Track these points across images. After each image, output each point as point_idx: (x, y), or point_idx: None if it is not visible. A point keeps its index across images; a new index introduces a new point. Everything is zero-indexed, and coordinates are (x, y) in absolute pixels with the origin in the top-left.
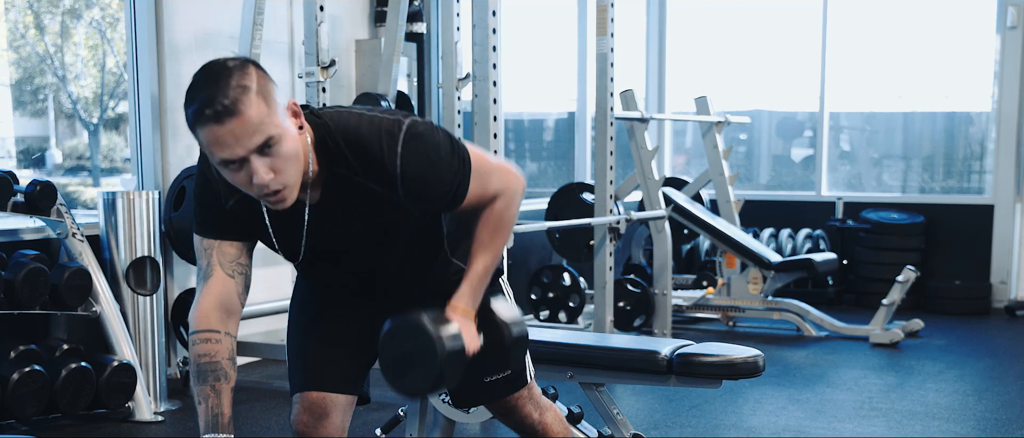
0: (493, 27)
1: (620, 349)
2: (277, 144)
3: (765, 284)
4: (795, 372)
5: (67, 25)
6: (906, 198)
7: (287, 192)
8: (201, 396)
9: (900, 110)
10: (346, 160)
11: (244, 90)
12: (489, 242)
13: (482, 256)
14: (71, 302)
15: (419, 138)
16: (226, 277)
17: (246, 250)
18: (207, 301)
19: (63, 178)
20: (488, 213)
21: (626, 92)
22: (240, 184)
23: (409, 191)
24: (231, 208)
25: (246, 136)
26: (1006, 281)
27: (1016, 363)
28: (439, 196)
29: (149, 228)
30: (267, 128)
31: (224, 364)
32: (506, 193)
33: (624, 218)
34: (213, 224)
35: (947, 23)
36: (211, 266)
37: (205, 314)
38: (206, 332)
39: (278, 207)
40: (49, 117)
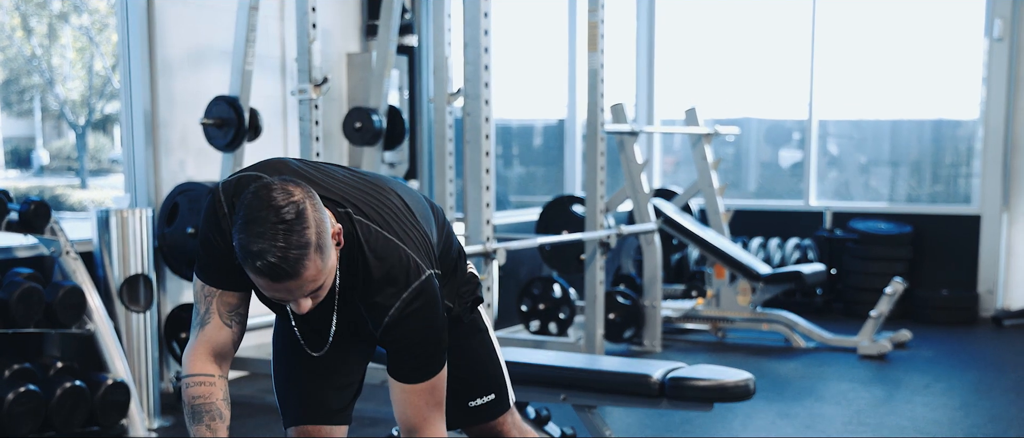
0: (485, 46)
1: (612, 372)
2: (323, 288)
3: (754, 295)
4: (784, 386)
5: (55, 28)
6: (894, 208)
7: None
8: (197, 435)
9: (888, 118)
10: (365, 276)
11: (304, 250)
12: None
13: None
14: (65, 320)
15: (427, 297)
16: (223, 325)
17: (246, 299)
18: (202, 348)
19: (50, 180)
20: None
21: (616, 105)
22: (276, 298)
23: (383, 329)
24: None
25: (298, 289)
26: (993, 291)
27: (1003, 376)
28: (410, 354)
29: (142, 245)
30: (318, 280)
31: (219, 404)
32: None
33: (614, 232)
34: (218, 273)
35: (935, 32)
36: (210, 314)
37: (199, 359)
38: (200, 376)
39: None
40: (36, 118)
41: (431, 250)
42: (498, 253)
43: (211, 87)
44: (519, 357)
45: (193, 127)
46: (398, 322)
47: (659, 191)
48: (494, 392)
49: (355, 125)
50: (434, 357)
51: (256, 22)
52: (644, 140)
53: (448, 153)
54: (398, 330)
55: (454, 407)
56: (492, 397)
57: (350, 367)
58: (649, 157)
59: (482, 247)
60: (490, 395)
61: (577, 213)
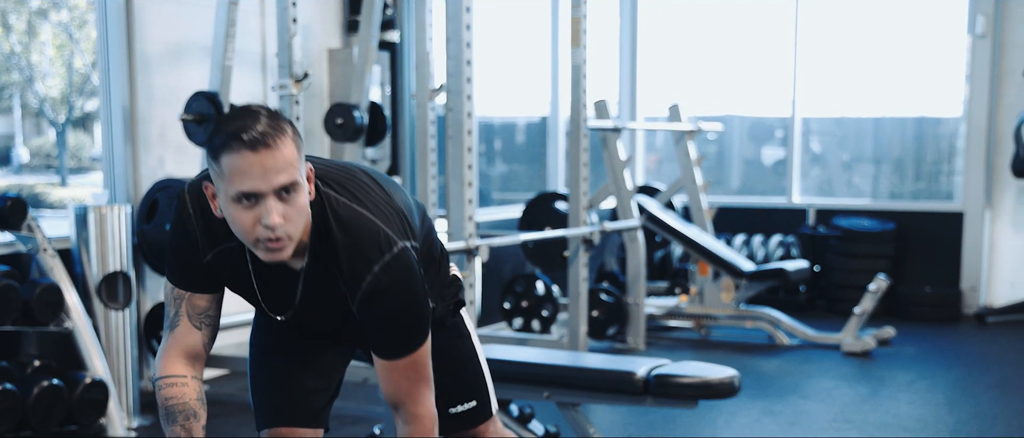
0: (467, 41)
1: (596, 370)
2: (295, 193)
3: (737, 292)
4: (768, 383)
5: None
6: (877, 205)
7: (287, 243)
8: (172, 436)
9: (871, 116)
10: (331, 248)
11: (281, 130)
12: None
13: None
14: (43, 318)
15: (402, 269)
16: (192, 328)
17: (216, 302)
18: (172, 351)
19: (30, 178)
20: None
21: (599, 102)
22: (243, 225)
23: (362, 305)
24: (209, 261)
25: (274, 172)
26: (976, 288)
27: (986, 373)
28: (389, 330)
29: (121, 242)
30: (293, 172)
31: (193, 404)
32: (421, 423)
33: (598, 229)
34: (187, 276)
35: (918, 29)
36: (179, 316)
37: (171, 361)
38: (173, 377)
39: (273, 257)
40: (16, 115)
41: (407, 226)
42: (481, 250)
43: (191, 83)
44: (502, 355)
45: (172, 123)
46: (371, 296)
47: (642, 188)
48: (475, 399)
49: (336, 121)
50: (414, 331)
51: (235, 17)
52: (627, 137)
53: (430, 150)
54: (373, 305)
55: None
56: (474, 404)
57: (328, 368)
58: (632, 154)
59: (464, 244)
60: (471, 402)
61: (560, 210)
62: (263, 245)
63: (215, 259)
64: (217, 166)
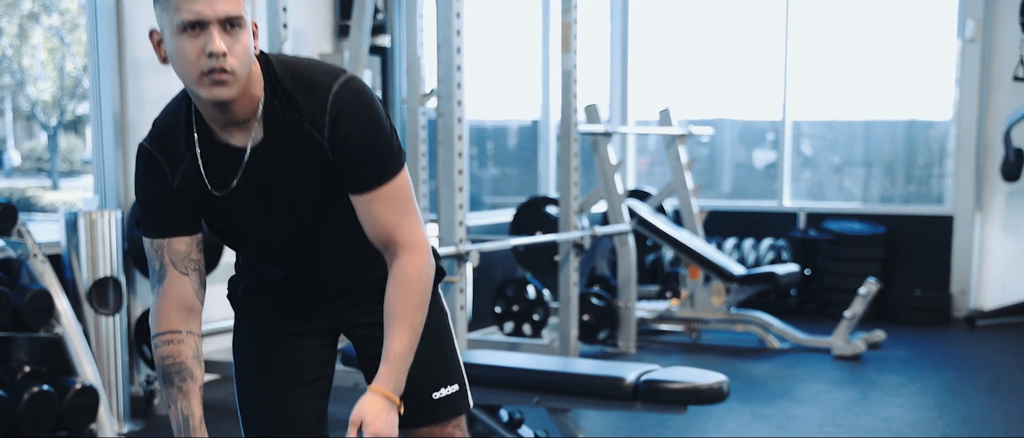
0: (457, 46)
1: (585, 375)
2: (239, 29)
3: (728, 296)
4: (759, 387)
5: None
6: (867, 208)
7: (232, 80)
8: (170, 399)
9: (861, 119)
10: (284, 91)
11: None
12: (404, 310)
13: (400, 329)
14: (33, 324)
15: (359, 88)
16: (180, 275)
17: (196, 244)
18: (165, 302)
19: (21, 181)
20: (397, 271)
21: (590, 106)
22: (188, 58)
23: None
24: (177, 186)
25: (221, 1)
26: (966, 291)
27: (975, 377)
28: (363, 153)
29: (111, 248)
30: (238, 7)
31: (189, 363)
32: (416, 250)
33: (589, 234)
34: (160, 220)
35: (908, 33)
36: (164, 267)
37: (165, 316)
38: (168, 333)
39: (217, 94)
40: (7, 118)
41: None
42: (471, 255)
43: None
44: (492, 360)
45: None
46: (337, 119)
47: (633, 192)
48: (457, 383)
49: None
50: (386, 156)
51: None
52: (618, 140)
53: (421, 154)
54: (341, 130)
55: (415, 402)
56: (456, 389)
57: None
58: (623, 158)
59: (455, 248)
60: (453, 386)
61: (551, 214)
62: (208, 80)
63: (181, 181)
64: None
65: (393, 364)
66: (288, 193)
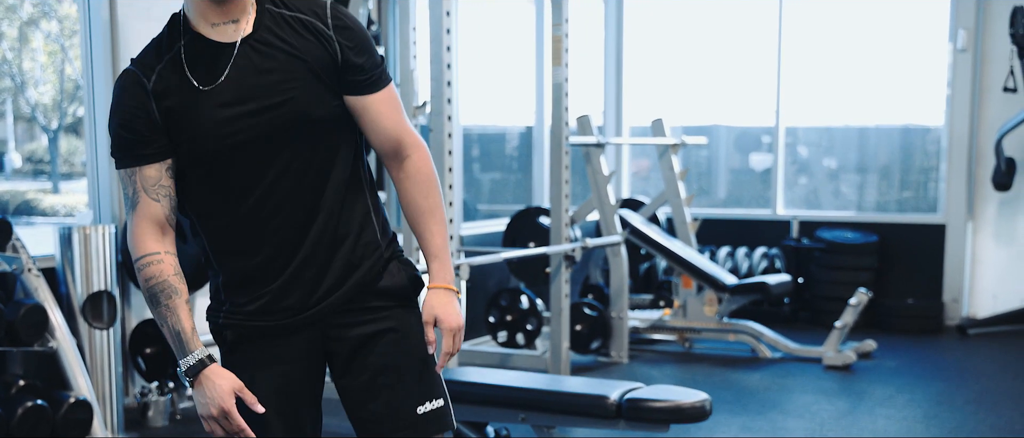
0: (447, 62)
1: (570, 393)
2: None
3: (720, 306)
4: (749, 397)
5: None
6: (860, 217)
7: None
8: (160, 319)
9: (855, 126)
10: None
11: None
12: (431, 206)
13: (434, 223)
14: (27, 338)
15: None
16: (151, 201)
17: (165, 171)
18: (140, 227)
19: (22, 184)
20: (413, 171)
21: (582, 117)
22: None
23: (342, 36)
24: (153, 90)
25: None
26: (958, 299)
27: (965, 387)
28: (367, 55)
29: (105, 262)
30: None
31: (172, 280)
32: (423, 149)
33: (580, 246)
34: (131, 148)
35: (902, 41)
36: (137, 193)
37: (141, 239)
38: (147, 256)
39: None
40: (8, 120)
41: None
42: (462, 269)
43: None
44: (479, 378)
45: None
46: (339, 25)
47: (626, 201)
48: (441, 398)
49: None
50: (382, 62)
51: None
52: (613, 147)
53: None
54: (347, 29)
55: (399, 417)
56: (441, 404)
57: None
58: (618, 165)
59: None
60: (438, 400)
61: (544, 224)
62: None
63: (158, 84)
64: None
65: (441, 258)
66: (276, 93)
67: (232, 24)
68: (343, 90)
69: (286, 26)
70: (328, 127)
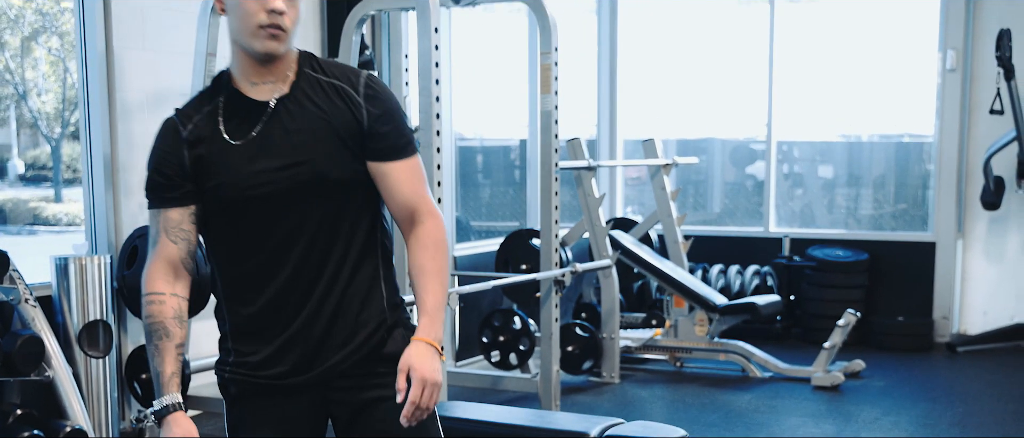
0: (436, 95)
1: (549, 430)
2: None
3: (711, 326)
4: (736, 419)
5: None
6: (851, 234)
7: (284, 36)
8: (149, 355)
9: (847, 139)
10: (319, 64)
11: None
12: (435, 268)
13: (432, 284)
14: (24, 368)
15: (381, 82)
16: (170, 243)
17: (188, 216)
18: (155, 265)
19: (25, 191)
20: (423, 236)
21: (573, 141)
22: (251, 10)
23: (372, 104)
24: (186, 139)
25: None
26: (948, 316)
27: (950, 409)
28: (395, 124)
29: (101, 291)
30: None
31: (168, 323)
32: (437, 218)
33: (569, 270)
34: (159, 191)
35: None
36: (158, 233)
37: (152, 277)
38: (153, 294)
39: (269, 46)
40: (11, 127)
41: None
42: (452, 298)
43: None
44: (462, 413)
45: None
46: (371, 94)
47: (619, 221)
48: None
49: None
50: (409, 133)
51: (214, 68)
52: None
53: None
54: (377, 98)
55: None
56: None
57: None
58: (611, 181)
59: None
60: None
61: (536, 246)
62: (264, 33)
63: (192, 134)
64: None
65: (431, 315)
66: (299, 152)
67: (270, 84)
68: (367, 156)
69: (320, 90)
70: (346, 190)
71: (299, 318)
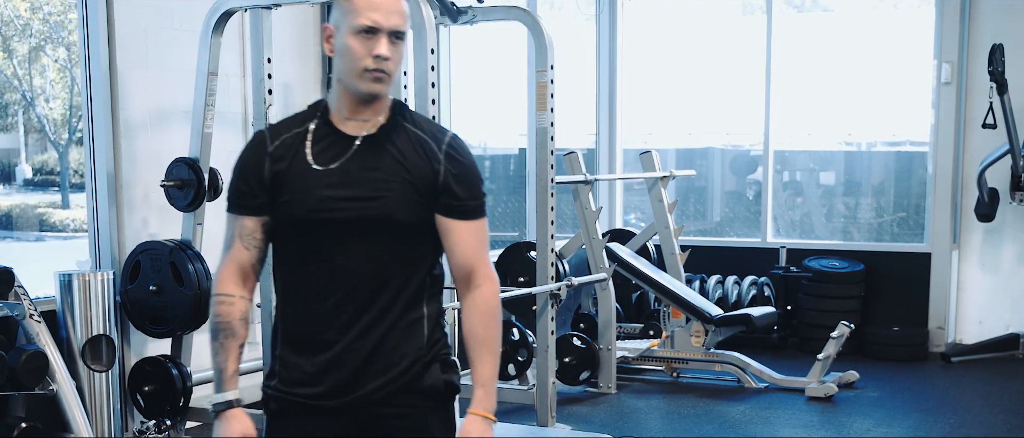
0: (433, 115)
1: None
2: (401, 43)
3: (707, 337)
4: (730, 430)
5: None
6: (847, 245)
7: (387, 79)
8: (213, 351)
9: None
10: (411, 114)
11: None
12: (490, 338)
13: (488, 355)
14: (28, 383)
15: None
16: (243, 248)
17: (261, 226)
18: (226, 268)
19: (33, 196)
20: (480, 301)
21: (569, 155)
22: (357, 54)
23: (452, 163)
24: (271, 153)
25: (394, 15)
26: (943, 327)
27: (941, 420)
28: (470, 185)
29: (104, 306)
30: (405, 24)
31: (235, 324)
32: (494, 283)
33: (565, 284)
34: (238, 198)
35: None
36: (233, 238)
37: (223, 280)
38: (222, 295)
39: (373, 88)
40: (19, 132)
41: None
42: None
43: (173, 146)
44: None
45: (156, 186)
46: (452, 149)
47: (616, 232)
48: None
49: None
50: (482, 196)
51: (215, 87)
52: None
53: None
54: (455, 160)
55: None
56: None
57: None
58: (611, 191)
59: None
60: None
61: (533, 258)
62: (369, 76)
63: (278, 148)
64: (346, 3)
65: (487, 387)
66: (373, 188)
67: (362, 122)
68: (436, 209)
69: (405, 139)
70: (409, 232)
71: (342, 342)
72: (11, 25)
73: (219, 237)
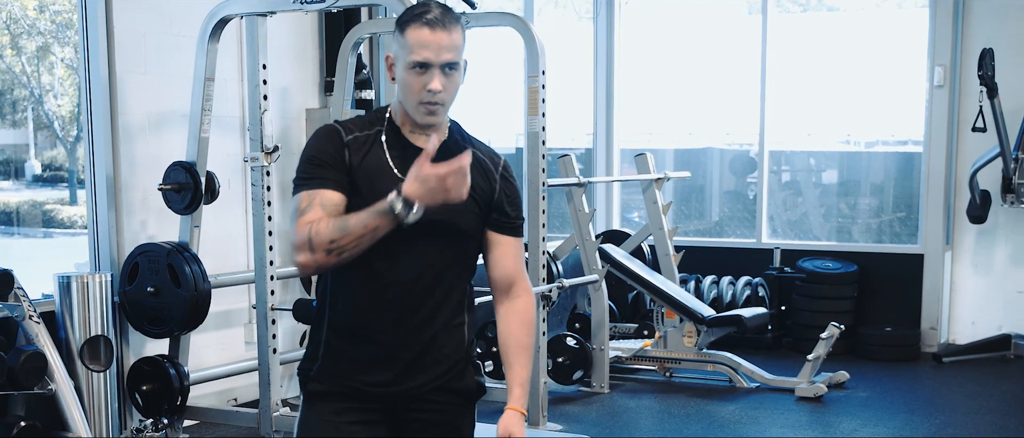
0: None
1: None
2: (455, 72)
3: (699, 337)
4: (720, 430)
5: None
6: (840, 246)
7: (441, 110)
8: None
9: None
10: (467, 134)
11: (454, 20)
12: (529, 343)
13: (526, 358)
14: (27, 383)
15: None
16: (324, 216)
17: (342, 203)
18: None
19: (41, 193)
20: (522, 310)
21: (563, 157)
22: (412, 88)
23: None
24: (348, 143)
25: (445, 50)
26: (936, 327)
27: (929, 419)
28: (516, 206)
29: (102, 307)
30: (457, 54)
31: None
32: (532, 296)
33: (556, 286)
34: (319, 170)
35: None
36: (312, 206)
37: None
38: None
39: (428, 119)
40: (28, 128)
41: None
42: None
43: (172, 149)
44: None
45: (154, 189)
46: (506, 172)
47: (610, 233)
48: None
49: None
50: (523, 217)
51: (212, 93)
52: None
53: None
54: (509, 179)
55: None
56: None
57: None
58: (608, 193)
59: None
60: None
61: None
62: (424, 108)
63: (353, 142)
64: (402, 38)
65: (524, 387)
66: None
67: (425, 136)
68: (487, 224)
69: None
70: (466, 240)
71: (397, 337)
72: (19, 23)
73: (216, 239)
